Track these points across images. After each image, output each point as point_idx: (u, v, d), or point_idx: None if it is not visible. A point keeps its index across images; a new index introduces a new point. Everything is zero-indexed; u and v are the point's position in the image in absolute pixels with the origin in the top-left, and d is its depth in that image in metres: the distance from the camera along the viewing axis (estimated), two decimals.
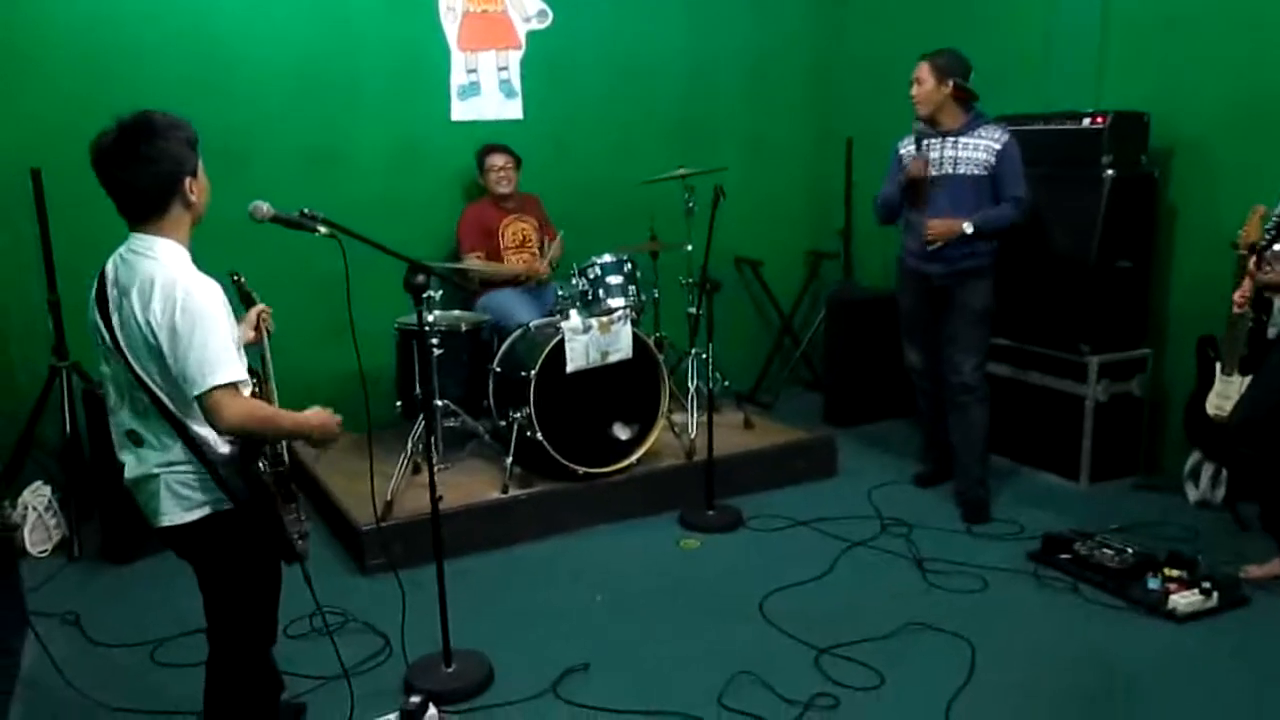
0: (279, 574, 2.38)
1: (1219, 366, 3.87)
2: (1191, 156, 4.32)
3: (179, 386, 2.09)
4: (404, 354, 4.34)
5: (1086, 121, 4.30)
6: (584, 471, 4.14)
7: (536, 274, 4.82)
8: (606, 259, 4.33)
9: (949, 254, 4.03)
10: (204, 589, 2.32)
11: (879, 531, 4.03)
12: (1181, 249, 4.43)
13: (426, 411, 3.95)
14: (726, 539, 4.04)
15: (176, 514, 2.18)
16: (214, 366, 2.04)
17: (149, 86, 4.20)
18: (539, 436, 4.01)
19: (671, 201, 4.80)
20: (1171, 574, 3.39)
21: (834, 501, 4.34)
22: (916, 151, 4.08)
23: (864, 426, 5.41)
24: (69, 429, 4.02)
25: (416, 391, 4.16)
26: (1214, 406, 3.86)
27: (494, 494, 4.04)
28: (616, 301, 4.25)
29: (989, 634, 3.18)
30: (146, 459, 2.18)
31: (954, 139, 4.02)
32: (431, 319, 4.08)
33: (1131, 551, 3.53)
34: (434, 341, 3.97)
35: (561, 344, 4.01)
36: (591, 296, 4.25)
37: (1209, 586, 3.29)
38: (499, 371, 4.27)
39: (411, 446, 4.14)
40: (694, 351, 4.75)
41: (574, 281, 4.29)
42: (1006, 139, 3.98)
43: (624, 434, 4.23)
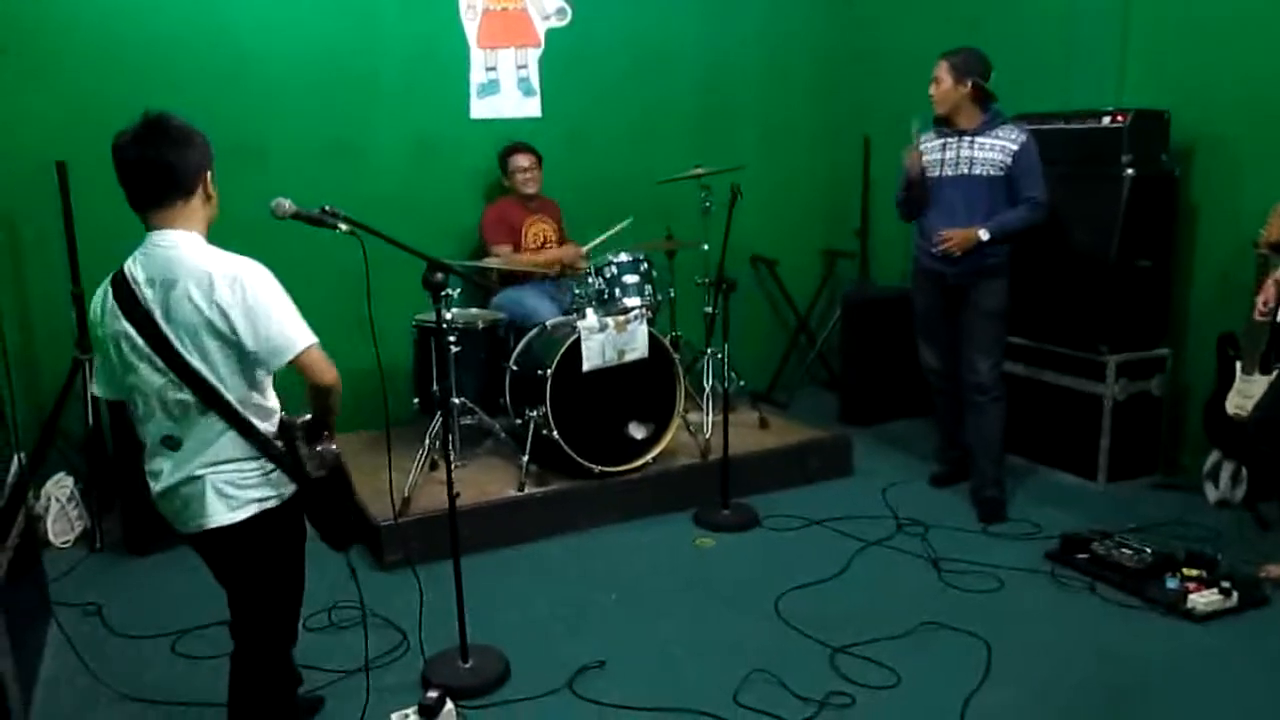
0: (304, 572, 2.40)
1: (1239, 365, 3.85)
2: (1212, 155, 4.30)
3: (252, 369, 2.14)
4: (421, 351, 4.36)
5: (1107, 120, 4.28)
6: (600, 470, 4.15)
7: (574, 263, 4.73)
8: (623, 258, 4.34)
9: (961, 254, 3.99)
10: (232, 589, 2.32)
11: (895, 531, 4.03)
12: (1202, 248, 4.40)
13: (444, 409, 3.97)
14: (742, 538, 4.05)
15: (223, 515, 2.16)
16: (299, 330, 2.16)
17: (171, 82, 4.26)
18: (555, 435, 4.02)
19: (688, 200, 4.80)
20: (1190, 574, 3.38)
21: (850, 501, 4.33)
22: (939, 149, 4.07)
23: (880, 426, 5.41)
24: (91, 421, 4.06)
25: (434, 388, 4.18)
26: (1234, 406, 3.84)
27: (510, 491, 4.05)
28: (632, 300, 4.26)
29: (1005, 633, 3.17)
30: (186, 462, 2.16)
31: (970, 138, 4.00)
32: (449, 316, 4.10)
33: (1150, 551, 3.51)
34: (451, 339, 3.98)
35: (578, 343, 4.03)
36: (608, 295, 4.26)
37: (1228, 586, 3.27)
38: (515, 370, 4.28)
39: (429, 443, 4.16)
40: (710, 350, 4.75)
41: (590, 280, 4.29)
42: (1024, 139, 3.95)
43: (639, 433, 4.24)
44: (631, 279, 4.31)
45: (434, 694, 2.71)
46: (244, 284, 2.08)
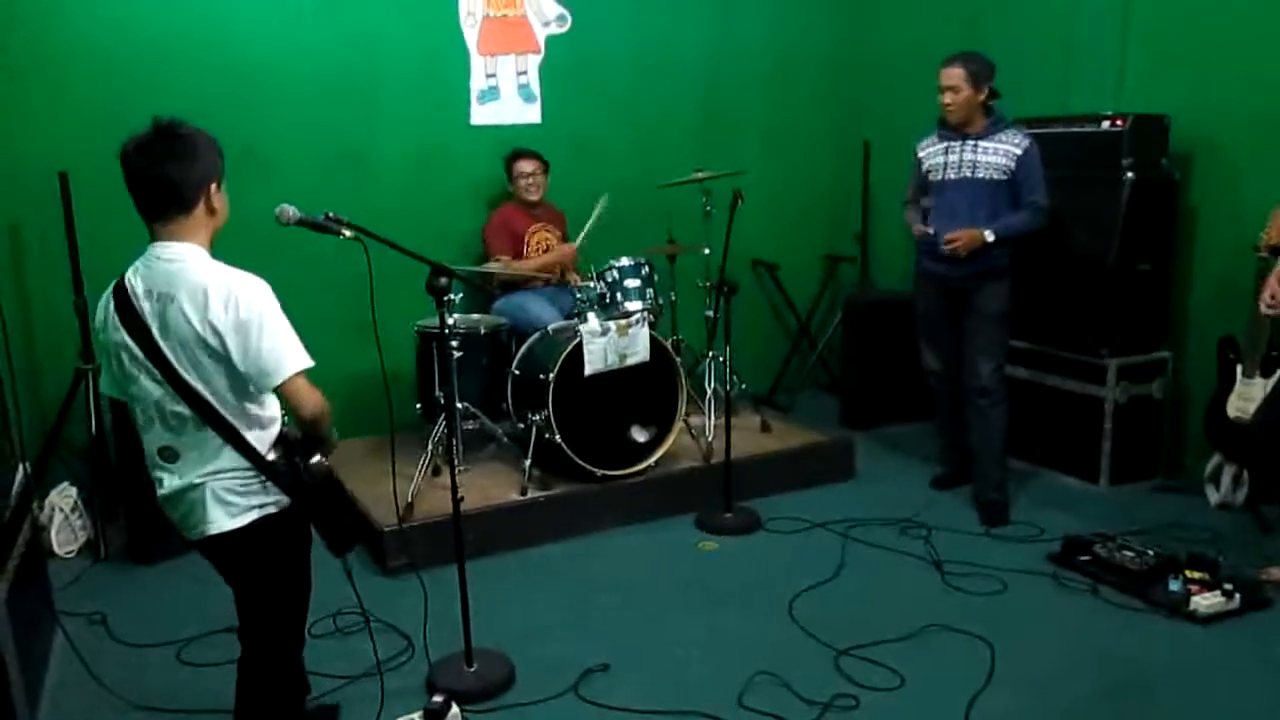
0: (311, 576, 2.40)
1: (1240, 369, 3.85)
2: (1212, 159, 4.31)
3: (241, 388, 2.11)
4: (424, 356, 4.36)
5: (1106, 124, 4.29)
6: (602, 474, 4.15)
7: (570, 262, 4.75)
8: (624, 262, 4.35)
9: (965, 258, 4.00)
10: (240, 593, 2.33)
11: (898, 534, 4.03)
12: (1202, 252, 4.41)
13: (448, 413, 3.97)
14: (745, 541, 4.05)
15: (223, 521, 2.17)
16: (288, 355, 2.10)
17: (174, 91, 4.27)
18: (557, 439, 4.03)
19: (689, 205, 4.81)
20: (1193, 576, 3.38)
21: (852, 504, 4.34)
22: (941, 152, 4.07)
23: (882, 429, 5.41)
24: (94, 431, 4.06)
25: (437, 394, 4.19)
26: (1235, 409, 3.84)
27: (513, 496, 4.06)
28: (634, 304, 4.27)
29: (1009, 635, 3.18)
30: (185, 472, 2.17)
31: (974, 142, 4.01)
32: (452, 321, 4.10)
33: (1152, 553, 3.52)
34: (454, 344, 3.98)
35: (579, 347, 4.03)
36: (609, 299, 4.27)
37: (1230, 588, 3.28)
38: (518, 374, 4.29)
39: (432, 448, 4.17)
40: (711, 354, 4.76)
41: (592, 284, 4.30)
42: (1027, 144, 3.95)
43: (642, 436, 4.25)
44: (633, 283, 4.32)
45: (439, 698, 2.71)
46: (238, 301, 2.05)
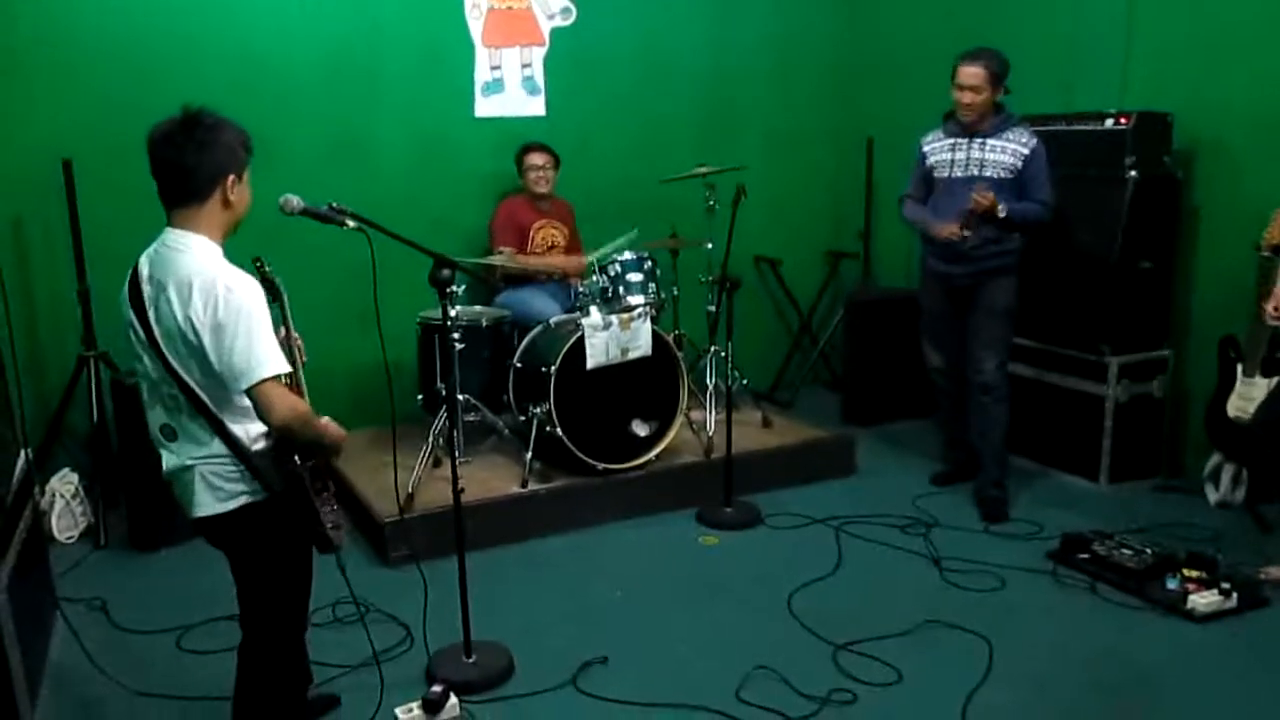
0: (311, 563, 2.41)
1: (1240, 368, 3.86)
2: (1215, 158, 4.31)
3: (220, 383, 2.11)
4: (425, 348, 4.37)
5: (1110, 122, 4.29)
6: (603, 467, 4.16)
7: (572, 271, 4.75)
8: (627, 256, 4.35)
9: (972, 253, 4.01)
10: (238, 577, 2.35)
11: (897, 530, 4.04)
12: (1204, 250, 4.41)
13: (449, 405, 3.97)
14: (745, 536, 4.06)
15: (211, 505, 2.21)
16: (261, 360, 2.07)
17: (177, 80, 4.27)
18: (559, 432, 4.03)
19: (692, 199, 4.82)
20: (1190, 574, 3.39)
21: (852, 500, 4.34)
22: (948, 149, 4.07)
23: (883, 426, 5.41)
24: (96, 418, 4.07)
25: (438, 385, 4.19)
26: (1235, 408, 3.85)
27: (514, 488, 4.07)
28: (636, 298, 4.27)
29: (1006, 632, 3.19)
30: (181, 452, 2.21)
31: (981, 140, 4.00)
32: (454, 313, 4.10)
33: (1150, 551, 3.53)
34: (456, 336, 3.99)
35: (582, 340, 4.04)
36: (611, 293, 4.27)
37: (1228, 587, 3.29)
38: (519, 367, 4.30)
39: (433, 440, 4.18)
40: (713, 349, 4.76)
41: (594, 278, 4.31)
42: (1035, 143, 3.95)
43: (643, 430, 4.25)
44: (635, 277, 4.31)
45: (438, 689, 2.74)
46: (219, 300, 2.05)
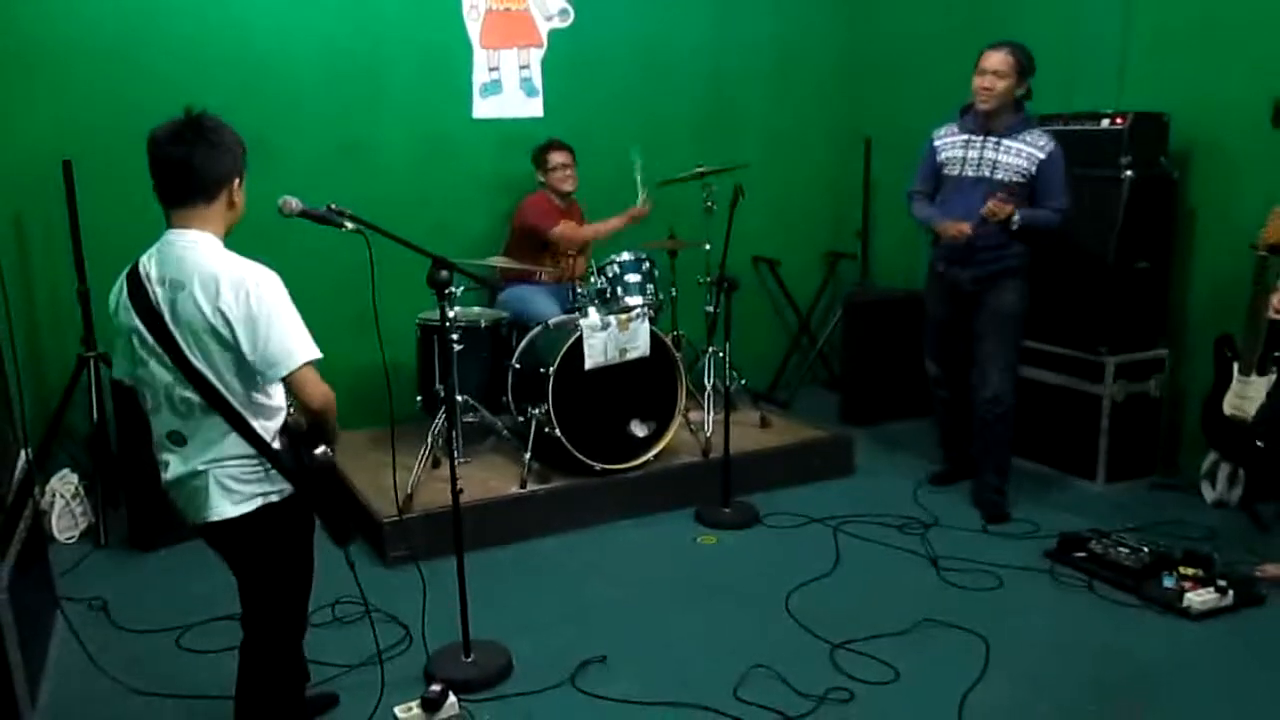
0: (313, 563, 2.42)
1: (1236, 367, 3.87)
2: (1211, 158, 4.32)
3: (248, 377, 2.13)
4: (425, 349, 4.38)
5: (1106, 122, 4.29)
6: (601, 468, 4.17)
7: (639, 217, 4.73)
8: (625, 257, 4.37)
9: (980, 258, 3.93)
10: (243, 580, 2.35)
11: (895, 530, 4.05)
12: (1200, 250, 4.42)
13: (448, 406, 3.99)
14: (743, 535, 4.07)
15: (226, 509, 2.20)
16: (299, 346, 2.13)
17: (177, 81, 4.27)
18: (557, 433, 4.05)
19: (690, 200, 4.82)
20: (1187, 572, 3.40)
21: (850, 500, 4.35)
22: (961, 146, 3.94)
23: (881, 426, 5.42)
24: (96, 418, 4.08)
25: (437, 386, 4.20)
26: (1231, 407, 3.86)
27: (513, 489, 4.08)
28: (635, 299, 4.29)
29: (1004, 631, 3.20)
30: (191, 457, 2.19)
31: (996, 140, 3.87)
32: (453, 314, 4.12)
33: (1147, 550, 3.54)
34: (454, 337, 4.00)
35: (580, 341, 4.05)
36: (610, 294, 4.29)
37: (1224, 585, 3.30)
38: (518, 368, 4.31)
39: (432, 441, 4.19)
40: (711, 349, 4.77)
41: (593, 279, 4.32)
42: (1052, 148, 3.84)
43: (641, 431, 4.26)
44: (634, 278, 4.33)
45: (437, 688, 2.75)
46: (249, 291, 2.08)
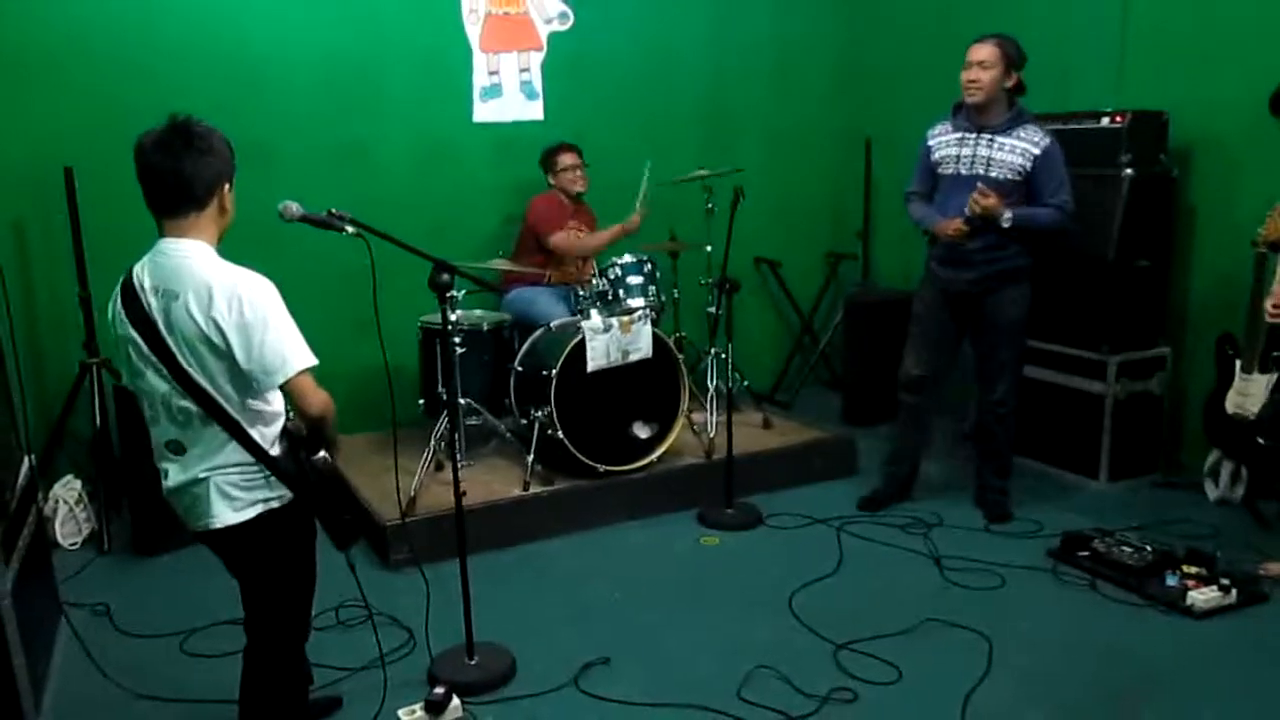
0: (316, 567, 2.42)
1: (1238, 364, 3.87)
2: (1211, 155, 4.32)
3: (243, 385, 2.12)
4: (427, 352, 4.38)
5: (1105, 120, 4.30)
6: (604, 469, 4.18)
7: (631, 230, 4.70)
8: (627, 259, 4.37)
9: (977, 259, 3.82)
10: (245, 586, 2.34)
11: (898, 530, 4.05)
12: (1200, 248, 4.43)
13: (450, 409, 3.99)
14: (746, 536, 4.07)
15: (227, 515, 2.19)
16: (294, 352, 2.11)
17: (179, 87, 4.28)
18: (560, 435, 4.05)
19: (692, 202, 4.83)
20: (1190, 571, 3.40)
21: (853, 500, 4.35)
22: (955, 144, 3.85)
23: (883, 426, 5.36)
24: (99, 423, 4.09)
25: (440, 389, 4.21)
26: (1233, 405, 3.86)
27: (515, 491, 4.08)
28: (636, 301, 4.29)
29: (1007, 630, 3.20)
30: (190, 466, 2.18)
31: (990, 137, 3.78)
32: (455, 318, 4.12)
33: (1150, 549, 3.53)
34: (457, 340, 4.01)
35: (582, 343, 4.05)
36: (612, 296, 4.29)
37: (1228, 583, 3.30)
38: (520, 370, 4.31)
39: (435, 444, 4.19)
40: (713, 351, 4.78)
41: (595, 281, 4.32)
42: (1047, 143, 3.76)
43: (644, 433, 4.27)
44: (636, 280, 4.34)
45: (440, 690, 2.75)
46: (242, 299, 2.06)
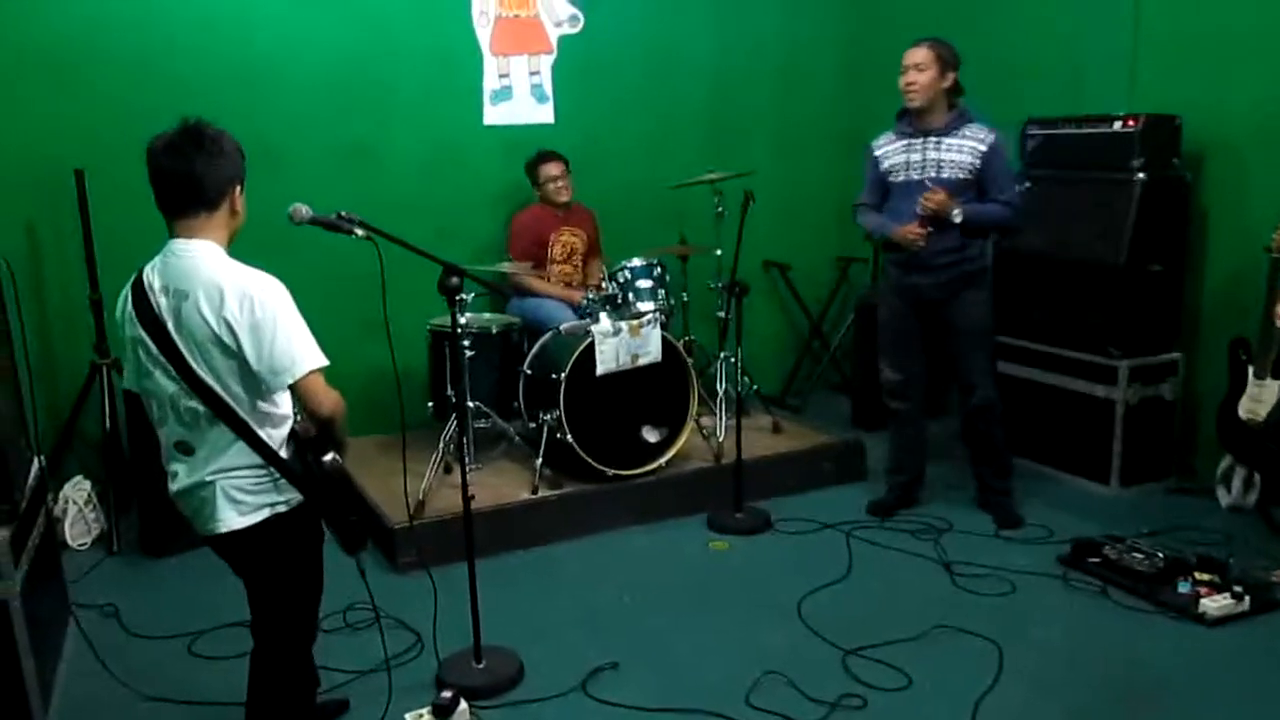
0: (323, 571, 2.42)
1: (1251, 370, 3.84)
2: (1224, 160, 4.29)
3: (254, 386, 2.12)
4: (436, 355, 4.39)
5: (1118, 124, 4.27)
6: (613, 473, 4.17)
7: (570, 299, 4.73)
8: (636, 263, 4.37)
9: (938, 262, 3.82)
10: (252, 589, 2.34)
11: (908, 535, 4.03)
12: (1213, 252, 4.40)
13: (459, 412, 3.99)
14: (755, 541, 4.06)
15: (234, 520, 2.19)
16: (304, 353, 2.12)
17: (190, 90, 4.30)
18: (569, 438, 4.04)
19: (701, 205, 4.82)
20: (1202, 578, 3.38)
21: (863, 504, 4.33)
22: (902, 151, 3.86)
23: None
24: (109, 424, 4.10)
25: (449, 392, 4.21)
26: (1246, 410, 3.83)
27: (524, 494, 4.08)
28: (646, 305, 4.29)
29: (1017, 637, 3.18)
30: (198, 468, 2.18)
31: (936, 139, 3.79)
32: (464, 321, 4.12)
33: (1162, 555, 3.50)
34: (466, 343, 4.01)
35: (591, 347, 4.05)
36: (621, 300, 4.28)
37: (1240, 590, 3.27)
38: (529, 374, 4.31)
39: (443, 447, 4.19)
40: (723, 355, 4.77)
41: (604, 285, 4.32)
42: (994, 139, 3.76)
43: (653, 436, 4.26)
44: (645, 283, 4.33)
45: (448, 694, 2.74)
46: (253, 300, 2.07)
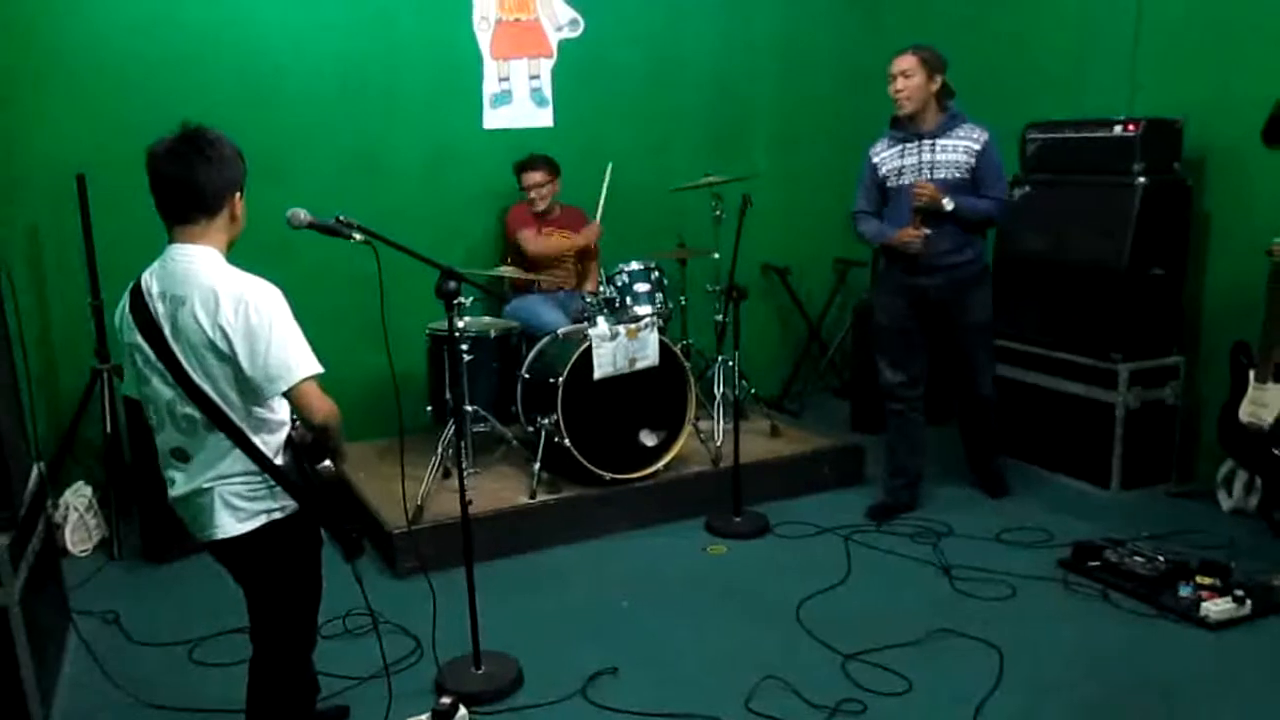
0: (321, 577, 2.42)
1: (1253, 374, 3.84)
2: (1225, 163, 4.29)
3: (249, 392, 2.12)
4: (434, 359, 4.39)
5: (1119, 128, 4.27)
6: (611, 477, 4.16)
7: (593, 238, 4.80)
8: (634, 266, 4.37)
9: (939, 263, 3.89)
10: (251, 596, 2.34)
11: (907, 539, 4.02)
12: (1215, 256, 4.39)
13: (457, 416, 3.99)
14: (753, 545, 4.05)
15: (231, 526, 2.19)
16: (298, 360, 2.11)
17: (191, 95, 4.31)
18: (567, 442, 4.04)
19: (699, 209, 4.82)
20: (1204, 581, 3.37)
21: (861, 508, 4.32)
22: (897, 156, 3.93)
23: None
24: (110, 430, 4.10)
25: (447, 396, 4.21)
26: (1248, 414, 3.83)
27: (522, 499, 4.07)
28: (644, 308, 4.29)
29: (1017, 641, 3.17)
30: (195, 474, 2.18)
31: (930, 141, 3.86)
32: (462, 325, 4.12)
33: (1163, 559, 3.50)
34: (464, 348, 4.01)
35: (589, 350, 4.05)
36: (619, 303, 4.28)
37: (1242, 594, 3.26)
38: (527, 378, 4.30)
39: (442, 451, 4.19)
40: (721, 358, 4.76)
41: (602, 288, 4.32)
42: (986, 138, 3.85)
43: (651, 440, 4.26)
44: (643, 287, 4.34)
45: (447, 700, 2.73)
46: (248, 305, 2.06)
